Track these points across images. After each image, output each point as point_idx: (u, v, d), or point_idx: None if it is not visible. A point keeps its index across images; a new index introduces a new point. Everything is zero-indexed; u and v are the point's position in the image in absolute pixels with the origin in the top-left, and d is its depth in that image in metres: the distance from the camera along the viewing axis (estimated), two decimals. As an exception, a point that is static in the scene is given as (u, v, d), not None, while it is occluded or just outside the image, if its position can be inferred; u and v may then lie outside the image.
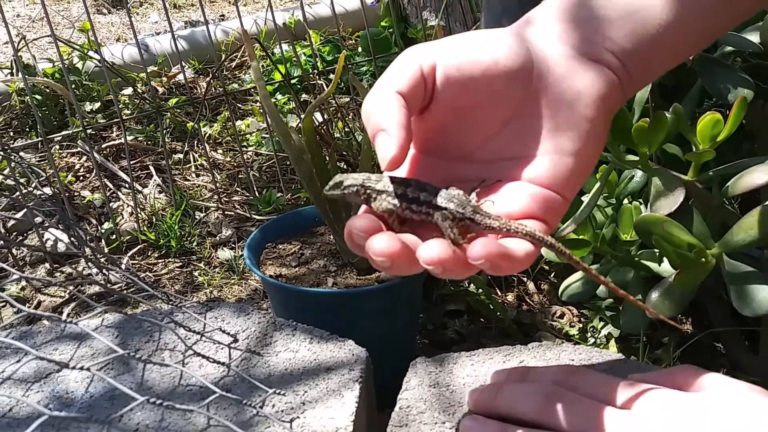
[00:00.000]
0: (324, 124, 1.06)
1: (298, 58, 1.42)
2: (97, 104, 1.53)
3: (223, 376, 0.53)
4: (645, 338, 0.85)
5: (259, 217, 1.19)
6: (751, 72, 0.67)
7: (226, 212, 1.23)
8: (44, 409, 0.49)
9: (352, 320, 0.71)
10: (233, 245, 1.15)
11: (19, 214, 1.17)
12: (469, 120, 0.43)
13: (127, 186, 1.29)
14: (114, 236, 1.14)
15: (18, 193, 1.12)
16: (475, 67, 0.41)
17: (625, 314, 0.75)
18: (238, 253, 1.12)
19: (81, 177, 1.33)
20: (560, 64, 0.43)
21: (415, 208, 0.41)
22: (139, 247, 1.13)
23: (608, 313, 0.88)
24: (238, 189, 1.31)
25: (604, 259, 0.78)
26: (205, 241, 1.16)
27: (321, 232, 0.84)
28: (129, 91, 1.59)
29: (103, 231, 1.16)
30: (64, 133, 1.29)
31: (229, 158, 1.40)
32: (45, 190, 1.26)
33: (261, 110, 1.51)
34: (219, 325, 0.60)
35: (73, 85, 1.55)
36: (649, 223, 0.62)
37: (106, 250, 1.12)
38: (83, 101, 1.53)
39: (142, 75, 1.60)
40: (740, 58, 0.73)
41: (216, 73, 1.43)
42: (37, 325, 0.62)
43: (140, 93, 1.56)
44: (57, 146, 1.39)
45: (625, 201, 0.75)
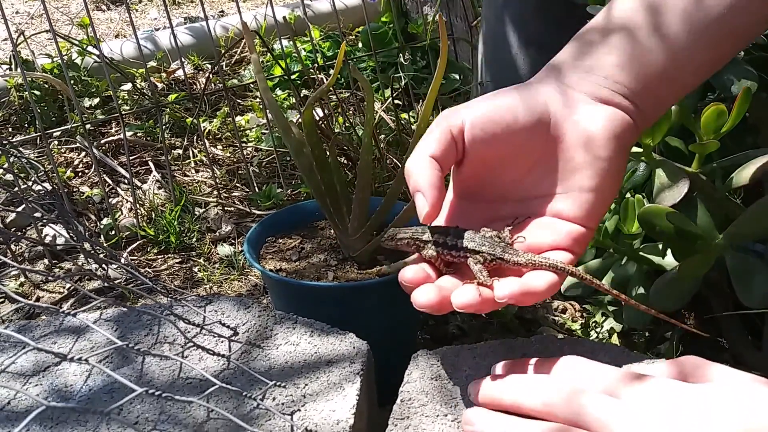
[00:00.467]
0: (324, 119, 1.06)
1: (298, 53, 1.41)
2: (96, 100, 1.52)
3: (223, 369, 0.53)
4: (648, 333, 0.85)
5: (259, 212, 1.18)
6: (756, 64, 0.67)
7: (225, 208, 1.23)
8: (42, 400, 0.49)
9: (353, 314, 0.70)
10: (233, 241, 1.15)
11: (18, 210, 1.17)
12: (498, 168, 0.49)
13: (126, 182, 1.29)
14: (113, 232, 1.14)
15: (17, 188, 1.11)
16: (497, 126, 0.47)
17: (628, 309, 0.74)
18: (237, 249, 1.12)
19: (80, 173, 1.33)
20: (574, 110, 0.47)
21: (454, 254, 0.49)
22: (138, 242, 1.12)
23: (610, 308, 0.87)
24: (237, 184, 1.30)
25: (607, 252, 0.77)
26: (204, 236, 1.15)
27: (321, 227, 0.84)
28: (128, 86, 1.58)
29: (102, 227, 1.15)
30: (63, 128, 1.28)
31: (228, 154, 1.39)
32: (44, 185, 1.26)
33: (261, 106, 1.50)
34: (219, 319, 0.59)
35: (72, 81, 1.55)
36: (653, 215, 0.61)
37: (106, 245, 1.11)
38: (82, 97, 1.52)
39: (141, 71, 1.59)
40: (744, 50, 0.73)
41: (215, 69, 1.42)
42: (36, 320, 0.61)
43: (139, 89, 1.55)
44: (56, 142, 1.39)
45: (628, 194, 0.75)
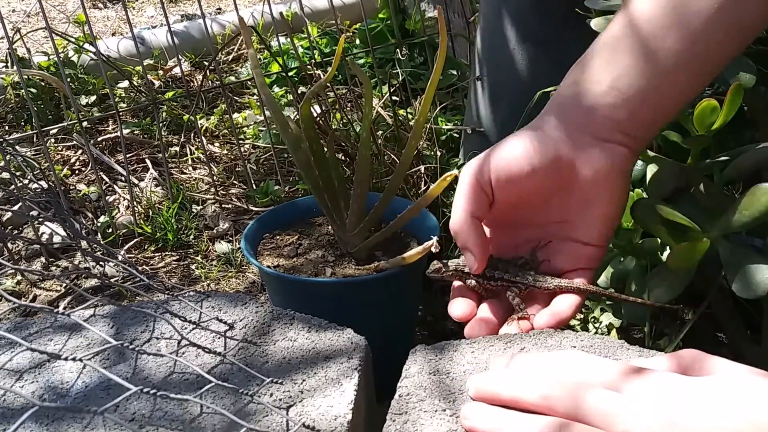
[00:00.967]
0: (322, 116, 1.05)
1: (295, 50, 1.41)
2: (93, 98, 1.52)
3: (220, 365, 0.53)
4: (647, 329, 0.85)
5: (257, 209, 1.18)
6: (754, 57, 0.66)
7: (223, 205, 1.22)
8: (35, 400, 0.49)
9: (351, 311, 0.70)
10: (230, 238, 1.15)
11: (14, 208, 1.16)
12: (522, 204, 0.57)
13: (123, 179, 1.28)
14: (110, 230, 1.13)
15: (13, 187, 1.11)
16: (518, 175, 0.55)
17: (628, 304, 0.74)
18: (235, 246, 1.11)
19: (76, 170, 1.32)
20: (581, 152, 0.54)
21: (492, 284, 0.59)
22: (135, 240, 1.12)
23: (609, 303, 0.87)
24: (235, 182, 1.30)
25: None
26: (202, 234, 1.15)
27: (319, 223, 0.83)
28: (125, 84, 1.58)
29: (99, 224, 1.15)
30: (59, 125, 1.28)
31: (226, 151, 1.39)
32: (40, 183, 1.25)
33: (258, 103, 1.50)
34: (216, 315, 0.59)
35: (69, 79, 1.54)
36: (644, 207, 0.61)
37: (102, 243, 1.11)
38: (79, 95, 1.52)
39: (138, 68, 1.59)
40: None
41: (212, 65, 1.42)
42: (32, 318, 0.61)
43: (136, 86, 1.55)
44: (52, 140, 1.38)
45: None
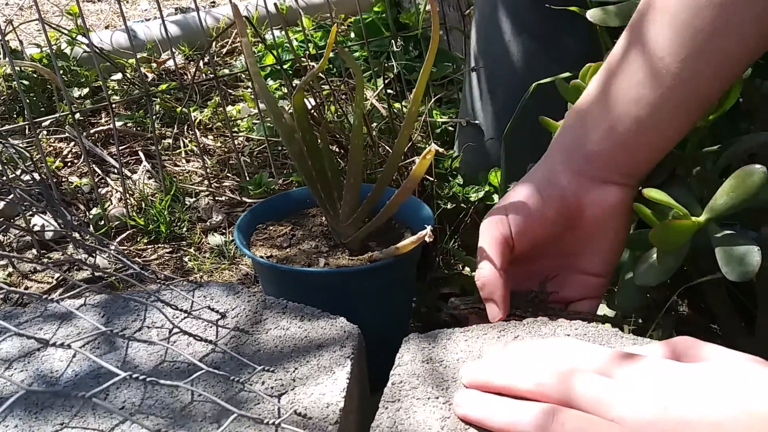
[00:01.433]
0: (316, 107, 1.05)
1: (290, 43, 1.40)
2: (86, 90, 1.51)
3: (212, 353, 0.52)
4: (641, 319, 0.84)
5: (250, 200, 1.17)
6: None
7: (216, 197, 1.22)
8: (23, 385, 0.48)
9: (345, 301, 0.69)
10: (224, 230, 1.14)
11: (6, 199, 1.15)
12: (536, 244, 0.61)
13: (115, 172, 1.28)
14: (102, 222, 1.13)
15: (4, 177, 1.10)
16: (534, 225, 0.60)
17: (621, 294, 0.74)
18: (228, 239, 1.11)
19: (69, 163, 1.32)
20: (586, 195, 0.59)
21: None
22: (128, 232, 1.11)
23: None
24: (228, 174, 1.29)
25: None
26: (195, 226, 1.14)
27: (312, 214, 0.83)
28: (118, 76, 1.57)
29: (91, 216, 1.14)
30: (51, 117, 1.27)
31: (219, 144, 1.38)
32: (33, 174, 1.25)
33: (252, 95, 1.49)
34: (207, 304, 0.58)
35: (61, 71, 1.53)
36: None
37: (94, 234, 1.10)
38: (71, 87, 1.51)
39: (131, 61, 1.58)
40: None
41: (206, 57, 1.41)
42: (23, 308, 0.60)
43: (129, 78, 1.54)
44: (44, 132, 1.37)
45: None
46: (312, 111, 1.02)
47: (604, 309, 0.88)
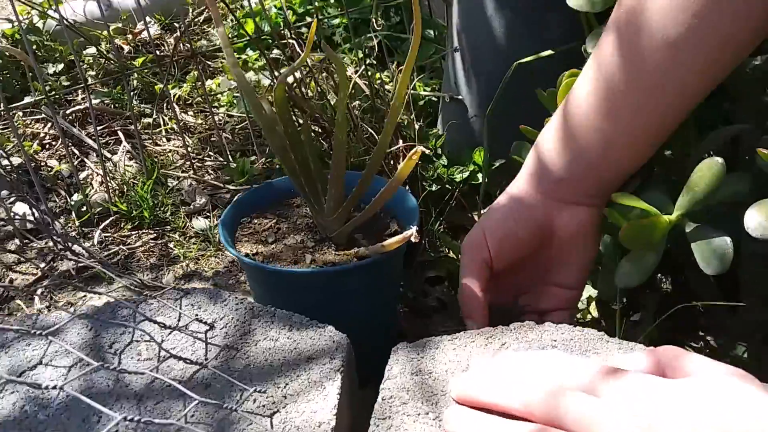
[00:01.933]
0: (297, 85, 1.03)
1: (266, 12, 1.37)
2: (60, 66, 1.47)
3: (203, 369, 0.52)
4: (625, 300, 0.86)
5: (234, 188, 1.16)
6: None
7: (199, 179, 1.20)
8: (17, 412, 0.48)
9: (333, 298, 0.70)
10: (208, 214, 1.13)
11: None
12: (513, 263, 0.67)
13: (95, 153, 1.26)
14: (84, 208, 1.11)
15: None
16: (510, 246, 0.66)
17: (602, 281, 0.75)
18: (213, 222, 1.10)
19: (47, 145, 1.29)
20: (556, 216, 0.65)
21: None
22: (111, 219, 1.10)
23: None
24: (210, 153, 1.28)
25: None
26: (179, 210, 1.14)
27: (296, 204, 0.82)
28: (93, 50, 1.53)
29: (73, 203, 1.13)
30: (25, 101, 1.24)
31: (200, 120, 1.36)
32: (10, 160, 1.23)
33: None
34: (195, 313, 0.58)
35: (35, 46, 1.49)
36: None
37: (77, 223, 1.09)
38: (46, 63, 1.47)
39: (105, 33, 1.54)
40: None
41: (182, 29, 1.38)
42: (10, 319, 0.60)
43: (104, 52, 1.50)
44: (20, 113, 1.34)
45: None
46: (294, 87, 1.00)
47: (589, 290, 0.90)
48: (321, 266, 0.70)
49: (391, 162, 0.98)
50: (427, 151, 0.59)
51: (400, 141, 0.97)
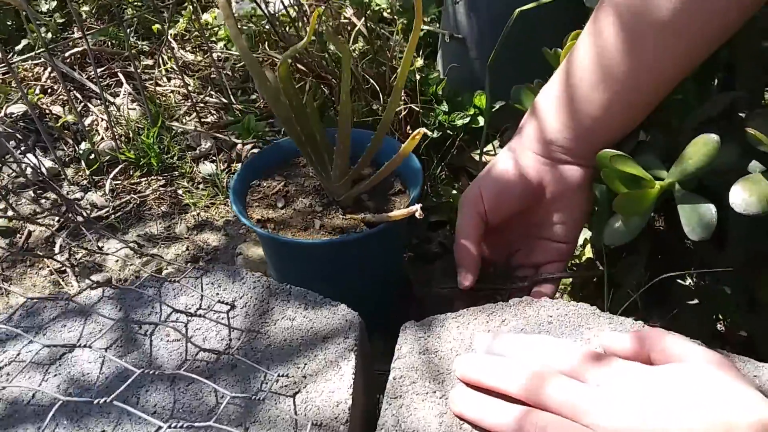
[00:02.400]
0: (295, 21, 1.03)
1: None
2: (54, 2, 1.45)
3: (228, 347, 0.57)
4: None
5: (240, 141, 1.16)
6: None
7: (202, 119, 1.22)
8: (61, 395, 0.53)
9: (343, 263, 0.74)
10: (214, 158, 1.16)
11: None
12: (507, 218, 0.71)
13: (97, 98, 1.27)
14: (92, 156, 1.14)
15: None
16: (504, 202, 0.70)
17: (595, 229, 0.79)
18: (220, 167, 1.13)
19: (48, 89, 1.30)
20: (547, 174, 0.68)
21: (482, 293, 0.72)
22: (120, 166, 1.13)
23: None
24: (212, 93, 1.28)
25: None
26: (185, 155, 1.16)
27: (302, 164, 0.85)
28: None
29: (81, 152, 1.15)
30: (25, 55, 1.23)
31: (200, 58, 1.36)
32: (18, 107, 1.24)
33: None
34: (216, 292, 0.63)
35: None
36: (603, 157, 0.65)
37: (87, 172, 1.12)
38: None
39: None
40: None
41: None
42: (43, 302, 0.64)
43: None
44: (19, 59, 1.34)
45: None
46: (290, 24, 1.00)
47: (585, 233, 0.94)
48: (330, 231, 0.74)
49: (397, 126, 0.99)
50: (429, 133, 0.62)
51: (406, 106, 0.98)
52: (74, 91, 1.26)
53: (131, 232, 1.03)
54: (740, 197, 0.58)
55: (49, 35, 1.34)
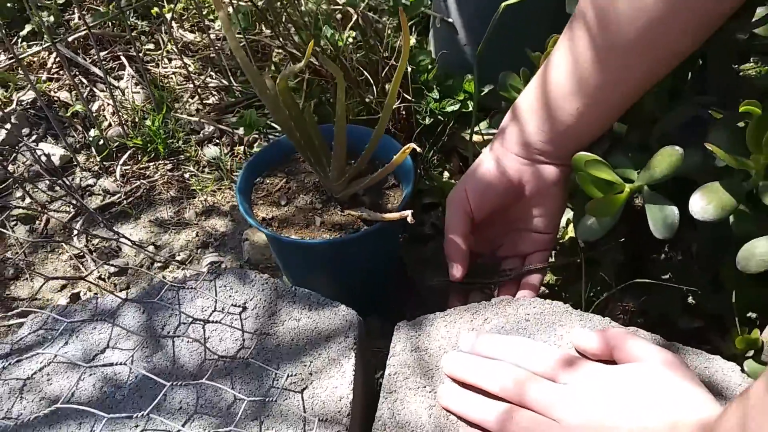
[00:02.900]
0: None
1: None
2: (52, -18, 1.47)
3: (242, 350, 0.65)
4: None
5: (241, 135, 1.21)
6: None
7: (204, 101, 1.27)
8: (97, 392, 0.61)
9: (343, 258, 0.81)
10: (217, 141, 1.21)
11: (7, 126, 1.21)
12: (491, 214, 0.78)
13: (102, 82, 1.31)
14: (102, 143, 1.19)
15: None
16: (488, 200, 0.76)
17: (575, 217, 0.85)
18: (223, 151, 1.18)
19: (55, 74, 1.34)
20: (526, 173, 0.75)
21: (473, 287, 0.80)
22: (129, 152, 1.19)
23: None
24: (212, 74, 1.33)
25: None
26: (190, 138, 1.21)
27: (302, 159, 0.91)
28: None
29: (91, 139, 1.20)
30: (31, 43, 1.27)
31: (199, 38, 1.39)
32: (28, 95, 1.28)
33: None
34: (228, 294, 0.70)
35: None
36: (578, 161, 0.71)
37: (98, 158, 1.17)
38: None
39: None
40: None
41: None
42: (74, 304, 0.71)
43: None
44: (24, 43, 1.38)
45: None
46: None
47: (568, 214, 1.00)
48: (330, 228, 0.80)
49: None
50: (418, 149, 0.68)
51: (402, 104, 1.02)
52: (79, 76, 1.30)
53: (143, 218, 1.09)
54: (699, 205, 0.64)
55: (51, 18, 1.37)
